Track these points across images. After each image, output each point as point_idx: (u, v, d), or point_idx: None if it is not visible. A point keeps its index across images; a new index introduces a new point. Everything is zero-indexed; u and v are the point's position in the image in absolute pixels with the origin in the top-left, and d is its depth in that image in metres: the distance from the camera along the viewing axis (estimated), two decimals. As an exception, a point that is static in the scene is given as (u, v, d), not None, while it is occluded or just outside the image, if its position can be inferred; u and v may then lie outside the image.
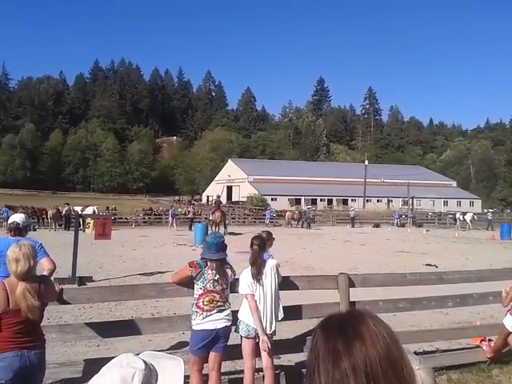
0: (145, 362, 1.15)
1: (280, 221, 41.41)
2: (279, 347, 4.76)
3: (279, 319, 4.55)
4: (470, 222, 37.11)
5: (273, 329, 4.42)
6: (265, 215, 42.35)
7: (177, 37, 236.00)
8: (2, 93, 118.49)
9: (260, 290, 4.43)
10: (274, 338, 4.56)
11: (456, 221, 38.95)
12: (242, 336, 4.45)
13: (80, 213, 22.47)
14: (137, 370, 1.12)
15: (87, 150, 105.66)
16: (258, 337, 4.36)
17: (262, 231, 5.17)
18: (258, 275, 4.43)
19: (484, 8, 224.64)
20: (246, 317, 4.41)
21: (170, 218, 32.80)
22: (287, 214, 39.67)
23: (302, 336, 5.38)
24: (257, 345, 4.39)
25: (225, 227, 27.06)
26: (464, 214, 40.25)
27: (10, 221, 5.29)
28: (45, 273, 4.89)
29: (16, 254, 3.30)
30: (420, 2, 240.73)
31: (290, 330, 5.94)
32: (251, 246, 4.58)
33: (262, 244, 4.58)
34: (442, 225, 44.40)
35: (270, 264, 4.56)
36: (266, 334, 4.35)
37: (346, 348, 0.94)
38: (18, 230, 5.17)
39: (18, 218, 5.32)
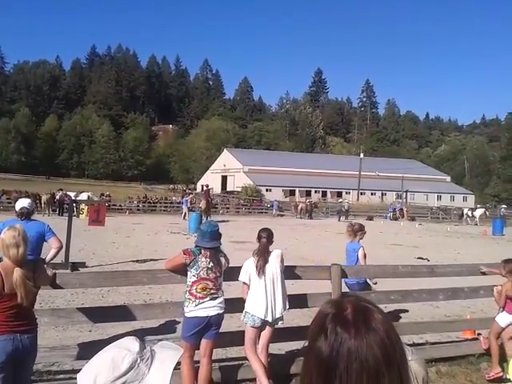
0: (142, 346, 1.17)
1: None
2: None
3: (286, 309, 4.61)
4: (479, 217, 37.15)
5: (276, 316, 4.49)
6: (271, 206, 42.72)
7: (175, 24, 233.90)
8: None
9: (263, 279, 4.49)
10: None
11: (463, 216, 39.00)
12: (246, 324, 4.55)
13: (74, 198, 22.38)
14: (128, 353, 1.13)
15: (82, 136, 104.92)
16: (262, 326, 4.47)
17: (354, 223, 5.35)
18: (263, 266, 4.50)
19: (482, 4, 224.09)
20: (252, 308, 4.48)
21: (184, 208, 31.90)
22: (301, 205, 39.93)
23: (293, 326, 5.43)
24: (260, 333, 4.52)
25: (208, 215, 27.22)
26: (473, 209, 40.35)
27: (18, 206, 5.80)
28: (52, 250, 5.61)
29: (16, 239, 3.28)
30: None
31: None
32: (258, 238, 4.64)
33: (269, 236, 4.64)
34: (435, 219, 44.64)
35: (275, 253, 4.62)
36: (268, 323, 4.46)
37: (360, 346, 0.94)
38: (27, 214, 5.72)
39: (26, 203, 5.86)
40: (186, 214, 30.15)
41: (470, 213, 38.60)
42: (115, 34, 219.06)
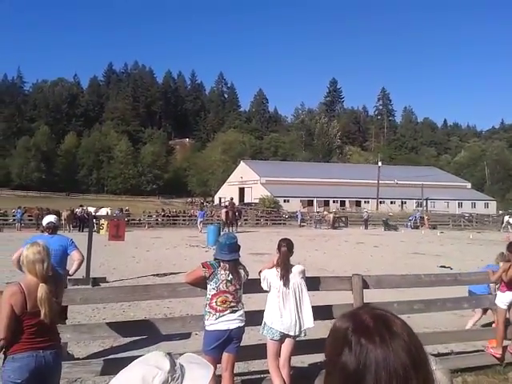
0: (173, 364, 1.12)
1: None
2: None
3: (307, 326, 4.48)
4: None
5: (297, 332, 4.41)
6: (296, 217, 43.57)
7: (189, 40, 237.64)
8: (17, 96, 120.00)
9: (285, 292, 4.44)
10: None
11: (503, 223, 38.25)
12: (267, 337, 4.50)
13: (94, 214, 22.64)
14: (160, 371, 1.08)
15: (101, 152, 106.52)
16: (282, 339, 4.41)
17: None
18: (285, 277, 4.45)
19: (499, 9, 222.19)
20: (270, 320, 4.43)
21: (200, 220, 32.33)
22: (331, 215, 40.41)
23: (316, 338, 5.36)
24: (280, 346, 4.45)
25: (234, 226, 30.15)
26: None
27: (45, 221, 6.29)
28: (75, 263, 5.98)
29: (42, 255, 3.28)
30: (433, 4, 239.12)
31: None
32: (279, 248, 4.59)
33: (290, 246, 4.59)
34: (457, 226, 43.95)
35: (298, 269, 4.57)
36: (290, 336, 4.40)
37: (387, 355, 0.92)
38: (54, 229, 6.22)
39: (52, 218, 6.40)
40: (201, 226, 30.77)
41: (511, 220, 37.76)
42: (131, 51, 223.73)
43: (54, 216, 6.69)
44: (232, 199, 34.51)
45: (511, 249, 5.42)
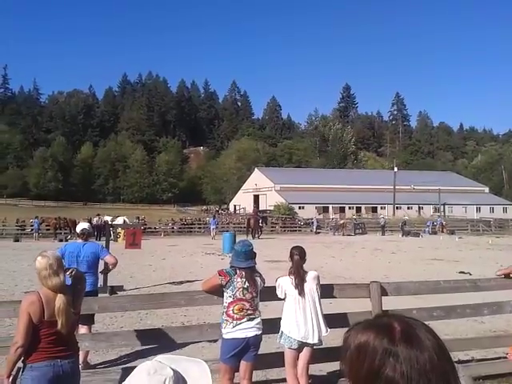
0: (171, 368, 1.14)
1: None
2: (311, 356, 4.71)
3: (324, 334, 4.46)
4: None
5: (315, 340, 4.36)
6: (312, 223, 43.58)
7: (202, 49, 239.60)
8: (33, 107, 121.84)
9: (301, 300, 4.41)
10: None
11: None
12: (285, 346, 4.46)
13: (111, 223, 22.83)
14: (166, 377, 1.10)
15: (117, 162, 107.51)
16: (300, 348, 4.37)
17: None
18: (299, 285, 4.42)
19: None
20: (287, 328, 4.40)
21: (212, 228, 33.03)
22: (341, 222, 40.80)
23: (334, 346, 5.30)
24: (298, 354, 4.41)
25: (257, 232, 32.40)
26: None
27: (79, 228, 6.62)
28: (110, 267, 6.52)
29: (54, 268, 3.26)
30: (447, 8, 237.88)
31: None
32: (291, 256, 4.58)
33: (302, 254, 4.58)
34: (475, 232, 43.35)
35: (312, 275, 4.54)
36: (308, 345, 4.36)
37: (429, 360, 0.91)
38: (88, 235, 6.55)
39: (86, 225, 6.81)
40: (214, 233, 31.49)
41: None
42: (145, 61, 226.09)
43: (87, 223, 7.28)
44: (255, 207, 35.92)
45: None
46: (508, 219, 54.50)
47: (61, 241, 26.70)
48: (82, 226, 6.71)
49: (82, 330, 5.46)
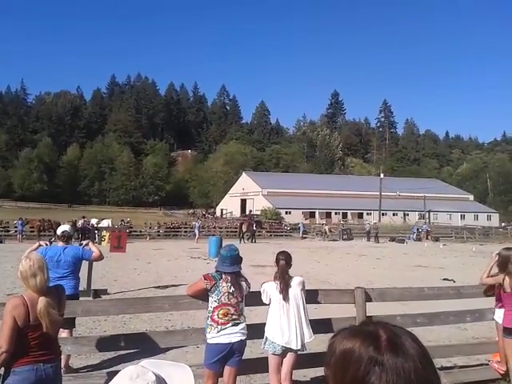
0: (153, 372, 1.14)
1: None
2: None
3: (308, 340, 4.45)
4: None
5: (298, 346, 4.35)
6: (298, 228, 43.62)
7: (192, 52, 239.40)
8: (20, 107, 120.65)
9: (285, 305, 4.40)
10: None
11: None
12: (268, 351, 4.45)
13: (96, 226, 22.64)
14: (149, 382, 1.10)
15: (103, 164, 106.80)
16: (284, 353, 4.36)
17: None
18: (284, 290, 4.41)
19: (501, 21, 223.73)
20: (271, 334, 4.39)
21: (196, 231, 33.10)
22: (326, 228, 41.09)
23: (318, 351, 5.31)
24: (282, 360, 4.40)
25: (250, 237, 34.12)
26: None
27: (60, 230, 6.33)
28: (93, 254, 6.11)
29: (33, 269, 3.24)
30: (433, 17, 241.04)
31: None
32: (277, 261, 4.56)
33: (288, 259, 4.57)
34: (460, 239, 43.81)
35: (297, 281, 4.53)
36: (292, 350, 4.35)
37: (414, 369, 0.91)
38: (68, 238, 6.28)
39: (67, 227, 6.55)
40: (197, 237, 31.71)
41: None
42: (134, 63, 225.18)
43: (68, 226, 6.86)
44: (251, 212, 36.58)
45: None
46: (492, 227, 55.24)
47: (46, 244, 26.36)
48: (63, 228, 6.52)
49: (64, 333, 5.38)
